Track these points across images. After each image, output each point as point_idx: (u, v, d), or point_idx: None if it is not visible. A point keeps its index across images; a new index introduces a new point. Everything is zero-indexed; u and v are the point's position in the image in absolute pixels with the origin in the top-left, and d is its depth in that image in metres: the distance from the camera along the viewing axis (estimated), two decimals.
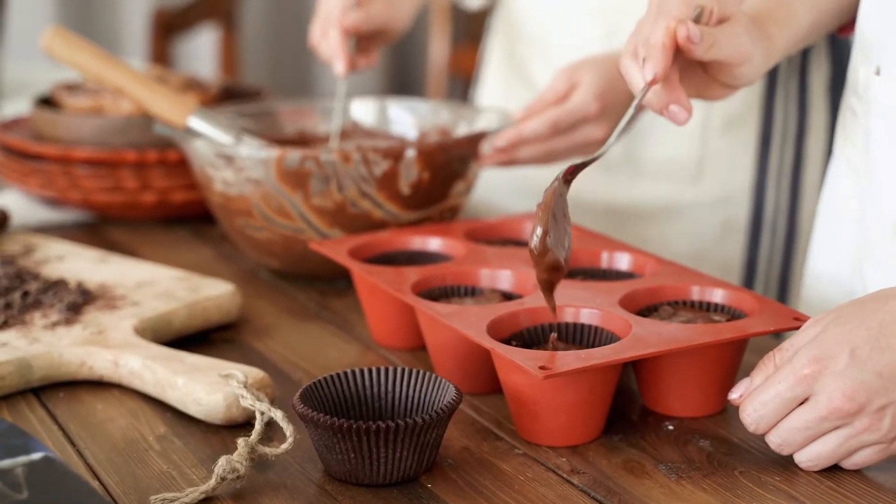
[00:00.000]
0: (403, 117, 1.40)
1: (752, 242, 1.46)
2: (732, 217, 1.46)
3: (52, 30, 1.36)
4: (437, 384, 0.87)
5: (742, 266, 1.46)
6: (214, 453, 0.87)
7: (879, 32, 1.00)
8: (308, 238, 1.19)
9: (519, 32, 1.53)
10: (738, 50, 0.93)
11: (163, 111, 1.30)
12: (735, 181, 1.45)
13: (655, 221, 1.47)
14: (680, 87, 0.92)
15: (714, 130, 1.44)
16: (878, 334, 0.81)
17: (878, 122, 1.00)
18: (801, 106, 1.43)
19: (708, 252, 1.46)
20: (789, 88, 1.43)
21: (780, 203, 1.45)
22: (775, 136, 1.44)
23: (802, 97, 1.43)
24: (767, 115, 1.43)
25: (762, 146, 1.44)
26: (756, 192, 1.45)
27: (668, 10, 0.91)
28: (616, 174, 1.46)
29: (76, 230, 1.42)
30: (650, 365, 0.92)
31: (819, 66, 1.44)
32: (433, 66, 3.43)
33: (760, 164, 1.44)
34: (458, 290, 1.03)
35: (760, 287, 1.46)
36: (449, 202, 1.23)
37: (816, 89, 1.44)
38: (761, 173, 1.44)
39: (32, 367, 0.98)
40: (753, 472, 0.84)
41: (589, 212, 1.46)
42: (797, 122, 1.44)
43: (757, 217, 1.45)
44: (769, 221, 1.45)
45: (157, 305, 1.07)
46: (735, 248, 1.46)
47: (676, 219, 1.47)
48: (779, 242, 1.45)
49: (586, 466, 0.85)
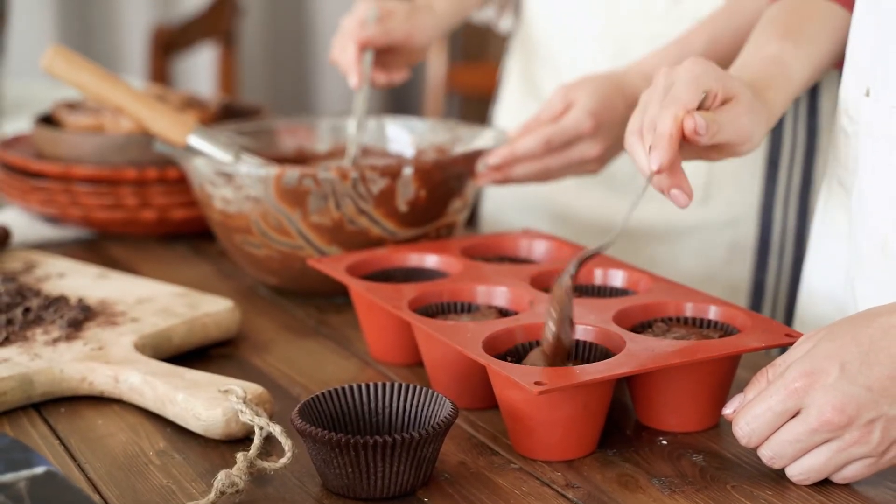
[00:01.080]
0: (401, 136, 1.41)
1: (759, 264, 1.45)
2: (740, 238, 1.46)
3: (53, 49, 1.37)
4: (433, 399, 0.88)
5: (750, 287, 1.46)
6: (214, 468, 0.88)
7: (869, 54, 1.01)
8: (306, 255, 1.20)
9: (535, 53, 1.55)
10: (740, 132, 0.95)
11: (163, 129, 1.32)
12: (743, 203, 1.45)
13: (663, 242, 1.47)
14: (682, 173, 0.93)
15: None
16: (867, 350, 0.82)
17: (868, 142, 1.01)
18: (809, 128, 1.43)
19: (716, 273, 1.46)
20: (798, 111, 1.43)
21: (787, 225, 1.44)
22: (783, 158, 1.44)
23: (812, 120, 1.43)
24: (776, 138, 1.43)
25: (770, 168, 1.43)
26: (763, 214, 1.45)
27: (678, 97, 0.92)
28: (624, 195, 1.46)
29: (77, 247, 1.43)
30: (644, 380, 0.93)
31: (829, 89, 1.44)
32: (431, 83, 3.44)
33: (768, 186, 1.44)
34: (454, 307, 1.04)
35: (768, 309, 1.46)
36: (446, 219, 1.24)
37: (826, 112, 1.43)
38: (769, 195, 1.44)
39: (34, 382, 0.99)
40: (746, 487, 0.85)
41: (596, 232, 1.46)
42: (805, 144, 1.43)
43: (764, 239, 1.45)
44: (776, 243, 1.45)
45: (156, 321, 1.08)
46: (743, 269, 1.46)
47: (684, 240, 1.47)
48: (786, 264, 1.45)
49: (581, 481, 0.86)
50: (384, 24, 1.33)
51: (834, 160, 1.10)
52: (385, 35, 1.33)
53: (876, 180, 1.01)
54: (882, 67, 0.99)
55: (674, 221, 1.46)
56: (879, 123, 0.99)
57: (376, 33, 1.32)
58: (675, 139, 0.91)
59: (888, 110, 0.99)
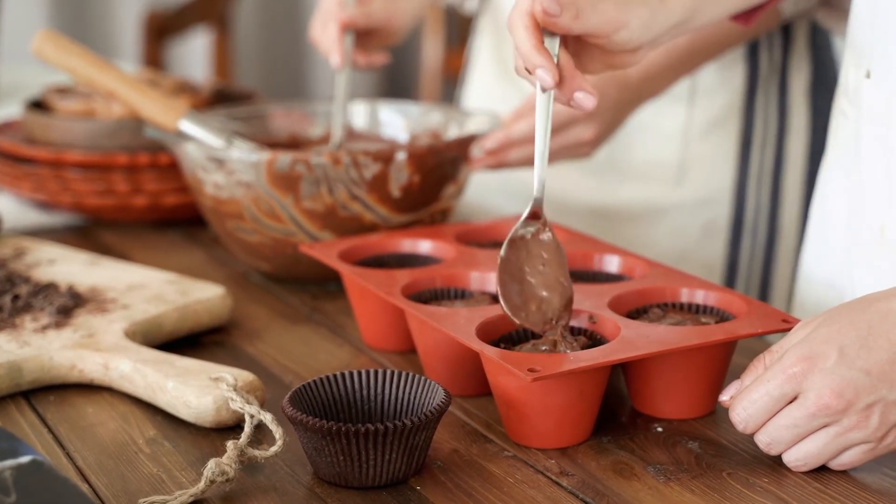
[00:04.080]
0: (395, 120, 1.40)
1: (733, 243, 1.48)
2: (715, 218, 1.48)
3: (42, 34, 1.36)
4: (426, 387, 0.87)
5: (724, 266, 1.48)
6: (204, 456, 0.87)
7: (870, 36, 1.00)
8: (299, 241, 1.19)
9: (504, 34, 1.54)
10: (609, 18, 0.89)
11: (154, 114, 1.30)
12: (717, 183, 1.47)
13: (639, 223, 1.49)
14: (579, 74, 0.89)
15: (695, 134, 1.46)
16: (866, 334, 0.81)
17: (867, 125, 1.00)
18: (781, 108, 1.46)
19: (691, 253, 1.48)
20: (769, 91, 1.45)
21: (760, 204, 1.47)
22: (756, 138, 1.46)
23: (783, 99, 1.46)
24: (748, 118, 1.46)
25: (743, 148, 1.46)
26: (737, 194, 1.47)
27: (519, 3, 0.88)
28: (600, 177, 1.48)
29: (67, 233, 1.42)
30: (639, 367, 0.92)
31: (799, 69, 1.46)
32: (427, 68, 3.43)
33: (741, 166, 1.46)
34: (447, 293, 1.03)
35: (742, 287, 1.49)
36: (439, 205, 1.23)
37: (797, 91, 1.46)
38: (742, 175, 1.46)
39: (23, 370, 0.98)
40: (741, 474, 0.84)
41: (574, 213, 1.47)
42: (777, 123, 1.46)
43: (738, 218, 1.47)
44: (750, 222, 1.47)
45: (147, 308, 1.07)
46: (717, 248, 1.48)
47: (660, 220, 1.49)
48: (760, 243, 1.47)
49: (575, 468, 0.86)
50: (365, 4, 1.34)
51: (833, 144, 1.09)
52: (366, 17, 1.33)
53: (875, 165, 1.00)
54: (883, 49, 0.98)
55: (649, 203, 1.48)
56: (880, 107, 0.98)
57: (358, 15, 1.32)
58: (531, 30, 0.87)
59: (888, 95, 0.97)
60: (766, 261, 1.47)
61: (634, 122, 1.41)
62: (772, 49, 1.46)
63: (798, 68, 1.46)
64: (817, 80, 1.47)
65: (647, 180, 1.48)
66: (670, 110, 1.45)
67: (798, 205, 1.48)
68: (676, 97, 1.44)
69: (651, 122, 1.45)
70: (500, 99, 1.53)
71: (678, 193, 1.47)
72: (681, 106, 1.45)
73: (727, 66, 1.45)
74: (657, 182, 1.48)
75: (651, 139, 1.46)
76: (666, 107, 1.45)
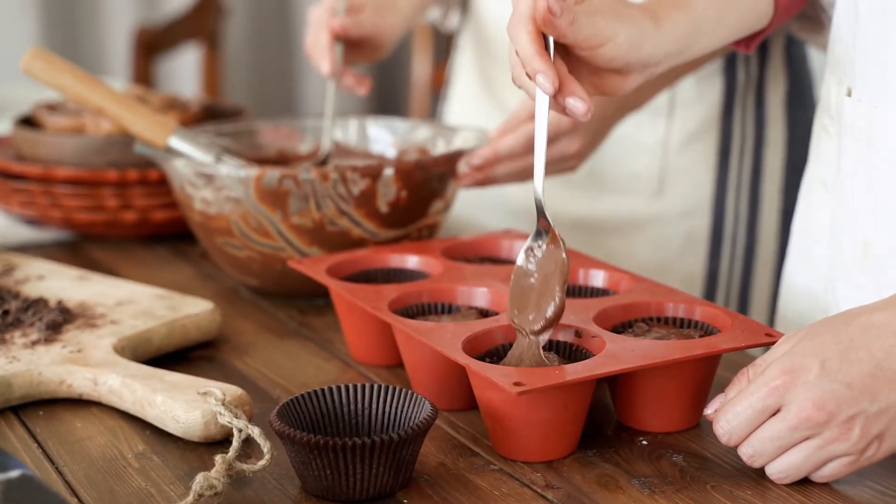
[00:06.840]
0: (383, 136, 1.41)
1: (713, 254, 1.49)
2: (694, 229, 1.50)
3: (31, 51, 1.36)
4: (413, 401, 0.87)
5: (704, 276, 1.50)
6: (192, 470, 0.88)
7: (851, 54, 1.01)
8: (287, 256, 1.19)
9: (487, 50, 1.56)
10: (599, 30, 0.90)
11: (143, 131, 1.31)
12: (696, 195, 1.49)
13: (620, 235, 1.50)
14: (573, 80, 0.90)
15: (674, 146, 1.48)
16: (847, 347, 0.82)
17: (850, 142, 1.01)
18: (758, 120, 1.48)
19: (671, 264, 1.50)
20: (747, 103, 1.48)
21: (739, 214, 1.49)
22: (734, 149, 1.48)
23: (760, 112, 1.48)
24: (726, 130, 1.48)
25: (721, 159, 1.48)
26: (716, 205, 1.48)
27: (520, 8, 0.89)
28: (581, 189, 1.50)
29: (57, 249, 1.42)
30: (624, 380, 0.93)
31: (776, 83, 1.48)
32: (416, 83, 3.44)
33: (720, 177, 1.48)
34: (435, 308, 1.04)
35: (722, 295, 1.50)
36: (427, 220, 1.24)
37: (774, 103, 1.49)
38: (721, 186, 1.48)
39: (12, 385, 0.98)
40: (725, 487, 0.85)
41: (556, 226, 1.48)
42: (755, 135, 1.48)
43: (717, 228, 1.49)
44: (729, 232, 1.49)
45: (136, 324, 1.08)
46: (697, 259, 1.50)
47: (640, 232, 1.50)
48: (739, 253, 1.50)
49: (560, 481, 0.86)
50: (354, 14, 1.35)
51: (815, 160, 1.10)
52: (357, 26, 1.34)
53: (858, 182, 1.01)
54: (864, 67, 0.99)
55: (630, 215, 1.50)
56: (861, 124, 0.99)
57: (349, 23, 1.33)
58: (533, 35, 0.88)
59: (870, 111, 0.99)
60: (745, 270, 1.49)
61: (615, 135, 1.43)
62: (749, 62, 1.48)
63: (775, 80, 1.48)
64: (794, 92, 1.49)
65: (627, 193, 1.50)
66: (650, 123, 1.47)
67: (776, 215, 1.50)
68: (656, 110, 1.46)
69: (631, 135, 1.47)
70: (482, 114, 1.54)
71: (658, 205, 1.49)
72: (660, 119, 1.47)
73: (705, 80, 1.47)
74: (637, 194, 1.49)
75: (631, 152, 1.48)
76: (645, 120, 1.46)
